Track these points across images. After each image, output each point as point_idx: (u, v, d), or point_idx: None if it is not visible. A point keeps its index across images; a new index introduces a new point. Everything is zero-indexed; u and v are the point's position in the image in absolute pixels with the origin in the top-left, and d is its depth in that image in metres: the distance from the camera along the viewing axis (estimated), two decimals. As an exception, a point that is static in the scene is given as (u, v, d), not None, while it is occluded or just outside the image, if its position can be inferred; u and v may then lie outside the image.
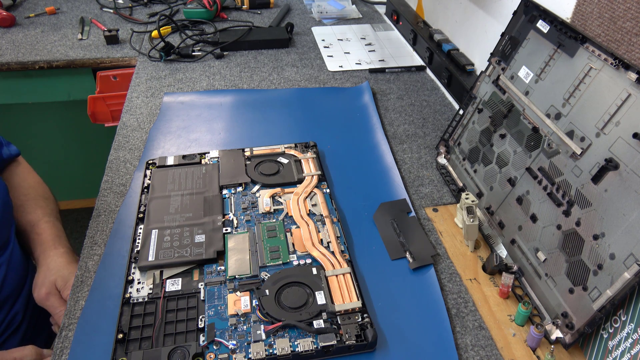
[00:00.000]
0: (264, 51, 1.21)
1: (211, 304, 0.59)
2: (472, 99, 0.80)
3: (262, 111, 0.97)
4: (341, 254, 0.65)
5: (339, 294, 0.59)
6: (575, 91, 0.61)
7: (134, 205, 0.73)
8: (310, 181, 0.77)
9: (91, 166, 1.89)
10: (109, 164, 0.83)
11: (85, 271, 0.64)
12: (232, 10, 1.43)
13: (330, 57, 1.19)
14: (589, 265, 0.54)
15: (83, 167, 2.00)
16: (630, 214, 0.51)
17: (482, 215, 0.73)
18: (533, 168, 0.65)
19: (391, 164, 0.84)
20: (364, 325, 0.56)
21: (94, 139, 1.90)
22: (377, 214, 0.74)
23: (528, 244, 0.64)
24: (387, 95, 1.05)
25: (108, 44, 1.21)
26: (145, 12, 1.40)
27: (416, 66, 1.15)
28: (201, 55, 1.16)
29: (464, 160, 0.80)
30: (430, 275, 0.65)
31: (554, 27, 0.66)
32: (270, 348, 0.54)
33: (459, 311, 0.62)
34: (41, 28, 1.28)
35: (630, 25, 0.59)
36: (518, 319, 0.59)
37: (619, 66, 0.55)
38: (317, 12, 1.41)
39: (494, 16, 0.92)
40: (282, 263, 0.64)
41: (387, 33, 1.33)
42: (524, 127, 0.68)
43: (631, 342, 0.49)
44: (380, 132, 0.91)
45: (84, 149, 1.97)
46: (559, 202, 0.60)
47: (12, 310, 0.77)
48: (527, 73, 0.70)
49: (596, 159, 0.56)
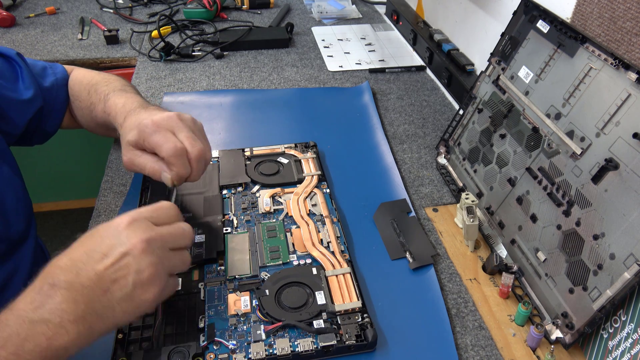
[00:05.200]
0: (264, 51, 1.21)
1: (211, 304, 0.59)
2: (472, 99, 0.80)
3: (262, 111, 0.97)
4: (341, 254, 0.65)
5: (339, 294, 0.59)
6: (575, 91, 0.61)
7: (134, 205, 0.73)
8: (310, 181, 0.77)
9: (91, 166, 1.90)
10: (109, 164, 0.83)
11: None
12: (232, 10, 1.43)
13: (330, 57, 1.19)
14: (589, 265, 0.54)
15: (83, 167, 2.00)
16: (630, 214, 0.51)
17: (482, 215, 0.73)
18: (533, 168, 0.65)
19: (391, 164, 0.84)
20: (364, 325, 0.56)
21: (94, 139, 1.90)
22: (377, 214, 0.74)
23: (528, 244, 0.64)
24: (387, 95, 1.05)
25: (108, 44, 1.21)
26: (145, 12, 1.40)
27: (416, 66, 1.15)
28: (201, 55, 1.16)
29: (464, 160, 0.80)
30: (430, 275, 0.65)
31: (554, 27, 0.66)
32: (270, 348, 0.54)
33: (459, 311, 0.62)
34: (41, 28, 1.28)
35: (630, 25, 0.59)
36: (518, 319, 0.59)
37: (619, 66, 0.55)
38: (317, 12, 1.41)
39: (494, 16, 0.92)
40: (282, 263, 0.64)
41: (387, 33, 1.33)
42: (524, 127, 0.68)
43: (631, 342, 0.49)
44: (380, 132, 0.91)
45: (84, 149, 1.97)
46: (559, 202, 0.60)
47: None
48: (527, 73, 0.70)
49: (596, 159, 0.56)
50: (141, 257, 0.46)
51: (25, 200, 0.73)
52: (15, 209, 0.70)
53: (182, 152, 0.59)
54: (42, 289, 0.44)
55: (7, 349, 0.41)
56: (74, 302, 0.43)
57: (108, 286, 0.45)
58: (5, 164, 0.69)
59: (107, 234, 0.47)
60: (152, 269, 0.46)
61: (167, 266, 0.49)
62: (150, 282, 0.47)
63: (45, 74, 0.77)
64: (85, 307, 0.44)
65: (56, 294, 0.43)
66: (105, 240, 0.47)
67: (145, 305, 0.47)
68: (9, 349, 0.41)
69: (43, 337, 0.42)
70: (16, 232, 0.70)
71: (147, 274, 0.46)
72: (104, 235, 0.47)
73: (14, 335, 0.41)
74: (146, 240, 0.47)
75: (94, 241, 0.47)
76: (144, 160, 0.61)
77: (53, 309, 0.43)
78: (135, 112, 0.65)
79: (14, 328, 0.42)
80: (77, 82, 0.79)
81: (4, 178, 0.68)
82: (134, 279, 0.46)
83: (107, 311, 0.45)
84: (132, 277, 0.46)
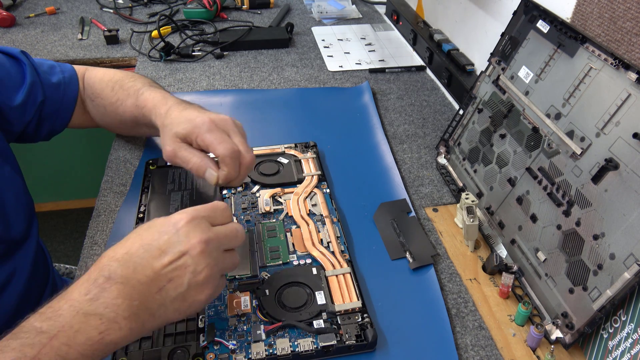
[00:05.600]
0: (264, 51, 1.21)
1: (211, 304, 0.59)
2: (472, 99, 0.80)
3: (262, 111, 0.97)
4: (341, 254, 0.65)
5: (339, 294, 0.59)
6: (575, 91, 0.61)
7: (134, 205, 0.73)
8: (310, 181, 0.77)
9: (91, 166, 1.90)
10: (109, 164, 0.83)
11: (85, 271, 0.64)
12: (232, 10, 1.43)
13: (330, 57, 1.19)
14: (589, 265, 0.54)
15: (83, 167, 2.00)
16: (630, 214, 0.51)
17: (482, 215, 0.73)
18: (533, 168, 0.65)
19: (391, 164, 0.84)
20: (364, 325, 0.56)
21: (94, 139, 1.91)
22: (377, 214, 0.74)
23: (528, 244, 0.64)
24: (387, 95, 1.05)
25: (108, 44, 1.21)
26: (145, 12, 1.40)
27: (416, 66, 1.15)
28: (201, 55, 1.16)
29: (464, 160, 0.80)
30: (430, 275, 0.65)
31: (554, 27, 0.66)
32: (271, 348, 0.54)
33: (459, 311, 0.62)
34: (41, 28, 1.28)
35: (630, 25, 0.59)
36: (518, 319, 0.59)
37: (619, 66, 0.55)
38: (317, 12, 1.41)
39: (494, 16, 0.92)
40: (282, 263, 0.64)
41: (387, 33, 1.33)
42: (524, 127, 0.68)
43: (631, 342, 0.49)
44: (380, 132, 0.91)
45: (84, 149, 1.97)
46: (559, 202, 0.60)
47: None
48: (527, 73, 0.70)
49: (596, 159, 0.56)
50: (199, 258, 0.46)
51: (26, 200, 0.73)
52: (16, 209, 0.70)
53: (237, 155, 0.61)
54: (97, 280, 0.44)
55: (60, 339, 0.41)
56: (129, 298, 0.43)
57: (163, 284, 0.45)
58: (6, 164, 0.69)
59: (166, 230, 0.47)
60: (208, 271, 0.47)
61: (220, 268, 0.49)
62: (205, 283, 0.47)
63: (53, 72, 0.77)
64: (139, 304, 0.44)
65: (112, 287, 0.43)
66: (164, 236, 0.47)
67: (196, 306, 0.47)
68: (61, 340, 0.41)
69: (96, 331, 0.42)
70: (16, 232, 0.70)
71: (202, 276, 0.46)
72: (161, 230, 0.47)
73: (67, 326, 0.41)
74: (205, 241, 0.47)
75: (152, 235, 0.47)
76: (189, 155, 0.61)
77: (108, 303, 0.43)
78: (181, 107, 0.66)
79: (68, 319, 0.42)
80: (97, 80, 0.79)
81: (5, 178, 0.68)
82: (189, 279, 0.46)
83: (159, 309, 0.45)
84: (187, 278, 0.46)
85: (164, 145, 0.64)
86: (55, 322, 0.41)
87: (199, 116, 0.62)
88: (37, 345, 0.40)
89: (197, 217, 0.48)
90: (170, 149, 0.62)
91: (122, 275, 0.44)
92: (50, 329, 0.41)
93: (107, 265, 0.45)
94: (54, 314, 0.42)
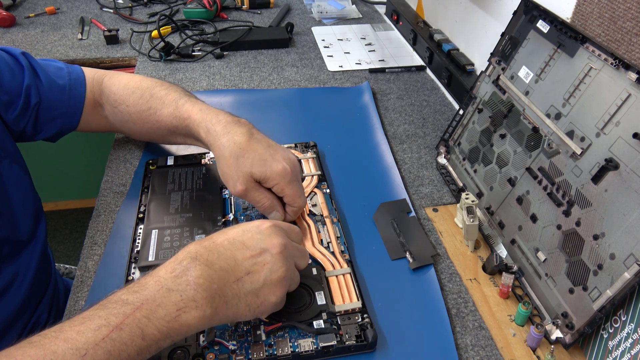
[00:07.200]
0: (264, 51, 1.21)
1: (211, 304, 0.59)
2: (472, 99, 0.80)
3: (262, 111, 0.97)
4: (341, 254, 0.65)
5: (339, 294, 0.59)
6: (575, 91, 0.61)
7: (134, 205, 0.73)
8: (310, 181, 0.77)
9: (91, 166, 1.90)
10: (109, 164, 0.83)
11: (85, 271, 0.64)
12: (232, 10, 1.43)
13: (330, 57, 1.19)
14: (589, 265, 0.54)
15: (83, 167, 2.00)
16: (630, 214, 0.51)
17: (482, 215, 0.73)
18: (533, 168, 0.65)
19: (391, 164, 0.84)
20: (364, 325, 0.56)
21: (94, 139, 1.91)
22: (377, 214, 0.74)
23: (528, 244, 0.64)
24: (387, 95, 1.05)
25: (108, 44, 1.21)
26: (145, 12, 1.40)
27: (416, 66, 1.15)
28: (201, 55, 1.16)
29: (464, 160, 0.80)
30: (430, 275, 0.65)
31: (554, 27, 0.66)
32: (271, 348, 0.54)
33: (459, 311, 0.62)
34: (41, 28, 1.28)
35: (630, 25, 0.59)
36: (518, 319, 0.59)
37: (619, 66, 0.55)
38: (317, 12, 1.41)
39: (494, 16, 0.92)
40: (282, 263, 0.64)
41: (387, 33, 1.33)
42: (524, 127, 0.68)
43: (631, 342, 0.49)
44: (380, 132, 0.91)
45: (84, 149, 1.97)
46: (559, 202, 0.60)
47: (37, 312, 0.73)
48: (527, 73, 0.70)
49: (596, 159, 0.56)
50: (278, 258, 0.50)
51: (33, 200, 0.73)
52: (23, 209, 0.70)
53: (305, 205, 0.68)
54: (182, 261, 0.47)
55: (142, 311, 0.43)
56: (210, 280, 0.46)
57: (242, 276, 0.49)
58: (15, 163, 0.69)
59: (249, 229, 0.52)
60: (283, 272, 0.50)
61: (291, 276, 0.52)
62: (278, 283, 0.50)
63: (59, 75, 0.75)
64: (217, 288, 0.47)
65: (195, 267, 0.46)
66: (247, 233, 0.51)
67: (265, 306, 0.50)
68: (143, 312, 0.43)
69: (174, 307, 0.44)
70: (23, 233, 0.70)
71: (278, 275, 0.50)
72: (245, 229, 0.52)
73: (150, 299, 0.44)
74: (284, 245, 0.51)
75: (236, 232, 0.52)
76: (260, 196, 0.64)
77: (190, 281, 0.45)
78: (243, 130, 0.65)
79: (152, 292, 0.44)
80: (121, 86, 0.77)
81: (14, 178, 0.68)
82: (266, 276, 0.49)
83: (233, 299, 0.48)
84: (264, 274, 0.49)
85: (232, 177, 0.63)
86: (141, 295, 0.44)
87: (276, 163, 0.63)
88: (120, 315, 0.42)
89: (277, 226, 0.53)
90: (243, 188, 0.63)
91: (206, 259, 0.47)
92: (135, 300, 0.44)
93: (194, 249, 0.48)
94: (141, 287, 0.45)
